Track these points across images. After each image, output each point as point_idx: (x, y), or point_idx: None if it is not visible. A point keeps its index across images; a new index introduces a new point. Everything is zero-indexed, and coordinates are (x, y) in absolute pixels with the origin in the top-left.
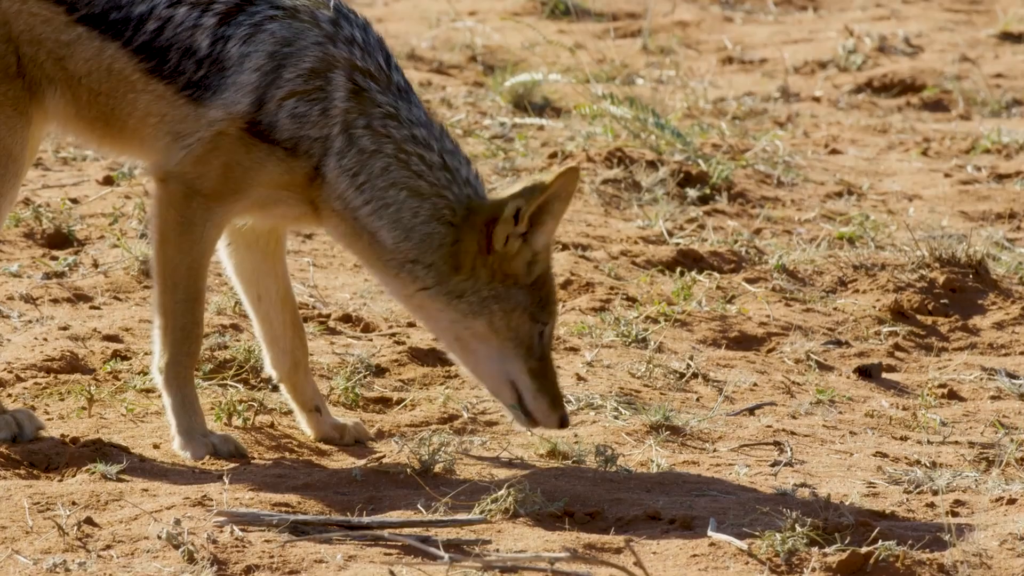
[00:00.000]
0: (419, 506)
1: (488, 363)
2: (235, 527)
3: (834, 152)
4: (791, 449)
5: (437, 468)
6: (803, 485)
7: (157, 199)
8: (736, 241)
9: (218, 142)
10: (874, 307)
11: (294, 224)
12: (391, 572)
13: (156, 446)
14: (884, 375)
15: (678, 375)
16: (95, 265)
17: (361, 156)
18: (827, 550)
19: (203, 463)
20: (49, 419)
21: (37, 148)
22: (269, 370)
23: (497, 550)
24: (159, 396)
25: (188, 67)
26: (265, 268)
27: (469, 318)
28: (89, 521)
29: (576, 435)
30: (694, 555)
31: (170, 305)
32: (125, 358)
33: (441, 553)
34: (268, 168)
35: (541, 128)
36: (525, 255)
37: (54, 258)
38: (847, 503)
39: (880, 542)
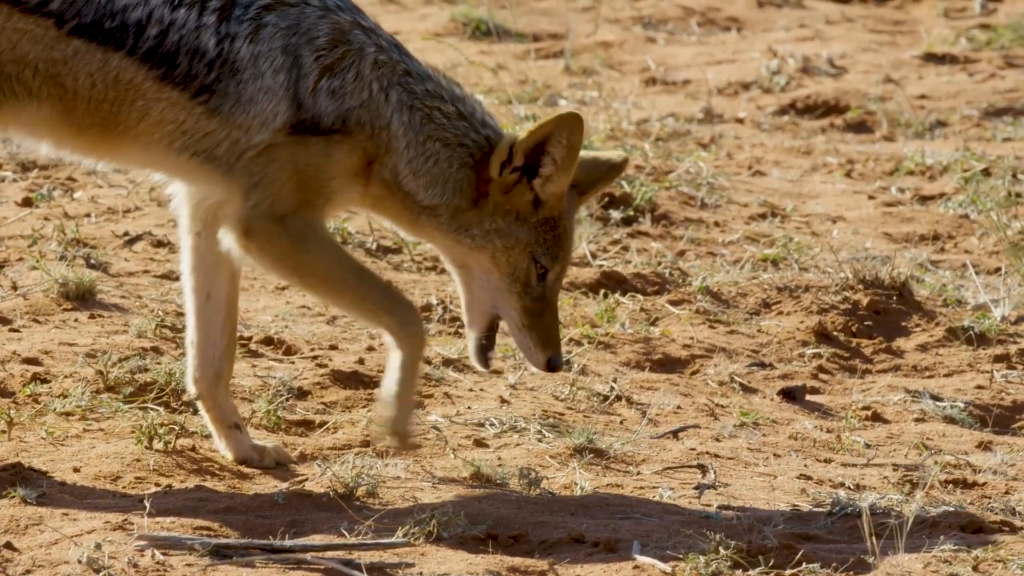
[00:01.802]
0: (342, 529)
1: (481, 293)
2: (156, 551)
3: (758, 174)
4: (715, 472)
5: (360, 491)
6: (727, 507)
7: (259, 250)
8: (660, 263)
9: (272, 155)
10: (798, 329)
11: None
12: None
13: (76, 470)
14: (808, 397)
15: (602, 398)
16: (14, 287)
17: (403, 112)
18: (751, 573)
19: (127, 485)
20: None
21: None
22: (189, 384)
23: (420, 573)
24: (80, 419)
25: (200, 71)
26: (225, 267)
27: (475, 250)
28: (8, 546)
29: (499, 458)
30: None
31: (355, 295)
32: (45, 381)
33: None
34: (335, 156)
35: None
36: (525, 193)
37: None
38: (771, 525)
39: (804, 564)
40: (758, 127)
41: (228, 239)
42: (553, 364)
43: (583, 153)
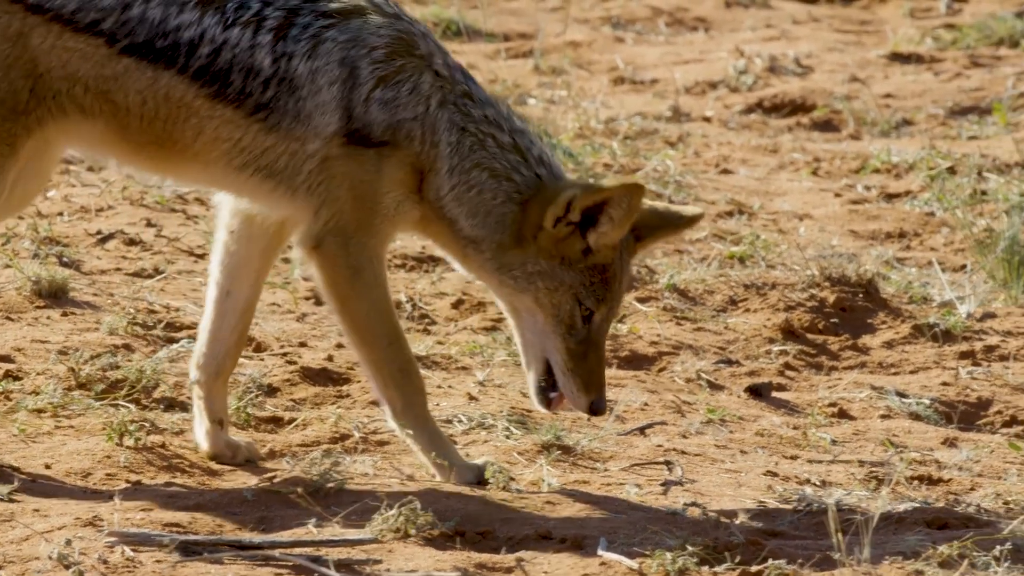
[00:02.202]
0: (310, 526)
1: (531, 337)
2: (126, 547)
3: (725, 172)
4: (682, 468)
5: (328, 488)
6: (693, 504)
7: (320, 267)
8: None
9: (329, 169)
10: (765, 326)
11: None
12: None
13: (48, 466)
14: (775, 394)
15: None
16: None
17: (454, 133)
18: (717, 569)
19: (98, 481)
20: None
21: (49, 169)
22: (192, 369)
23: (388, 570)
24: (51, 416)
25: (255, 88)
26: (251, 269)
27: (519, 291)
28: None
29: (468, 455)
30: (585, 574)
31: (378, 357)
32: (17, 378)
33: (332, 573)
34: (385, 170)
35: None
36: (576, 243)
37: None
38: (737, 522)
39: (770, 561)
40: (725, 126)
41: (300, 251)
42: (595, 408)
43: (660, 204)
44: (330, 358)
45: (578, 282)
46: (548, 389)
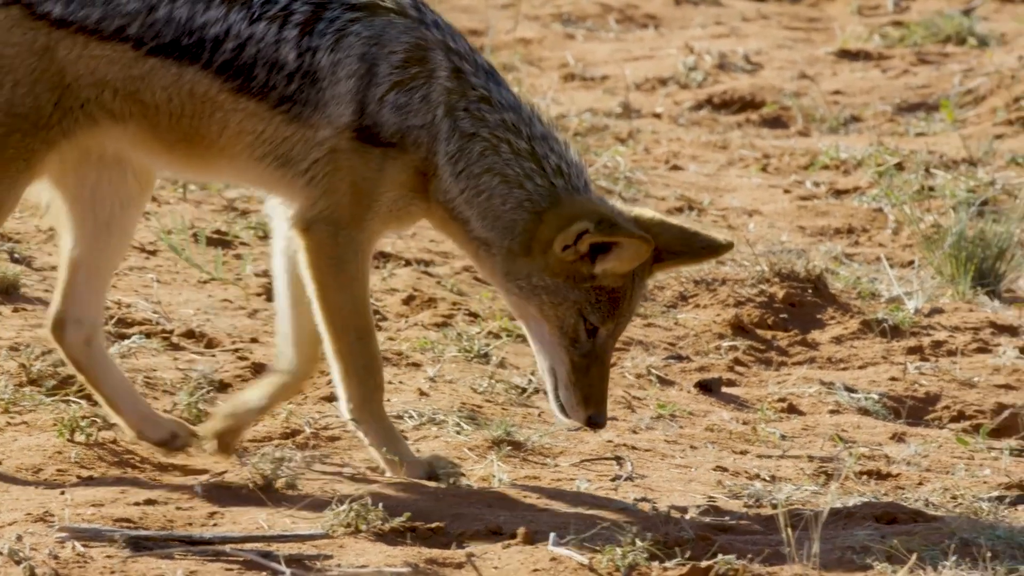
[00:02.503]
0: (261, 521)
1: (541, 346)
2: (77, 543)
3: (675, 168)
4: (632, 463)
5: (279, 483)
6: (644, 499)
7: (307, 248)
8: None
9: (336, 161)
10: (714, 322)
11: (422, 222)
12: None
13: None
14: (724, 389)
15: (520, 390)
16: None
17: (461, 140)
18: (667, 564)
19: (49, 477)
20: None
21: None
22: (279, 366)
23: (339, 565)
24: (2, 412)
25: (279, 82)
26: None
27: (524, 300)
28: None
29: (418, 450)
30: (535, 569)
31: (345, 348)
32: None
33: (283, 568)
34: (388, 171)
35: None
36: (584, 268)
37: None
38: (687, 517)
39: (720, 556)
40: (675, 122)
41: (292, 233)
42: (594, 422)
43: (690, 227)
44: None
45: (583, 299)
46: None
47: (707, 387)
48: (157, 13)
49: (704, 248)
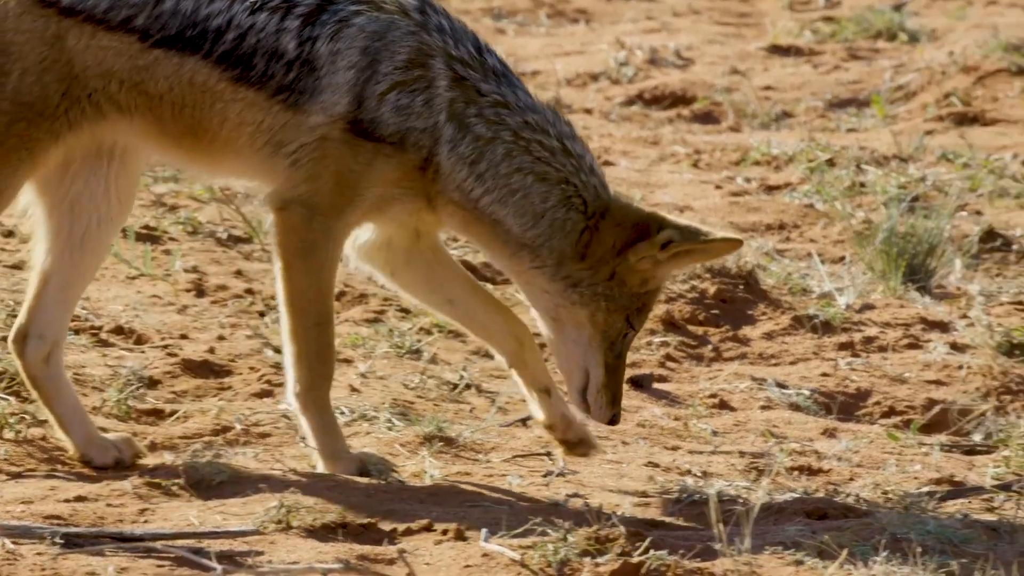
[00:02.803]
0: (192, 518)
1: (574, 347)
2: (6, 540)
3: (606, 164)
4: (563, 459)
5: (210, 480)
6: (575, 495)
7: (278, 227)
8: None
9: (324, 149)
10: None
11: (411, 223)
12: None
13: None
14: (656, 385)
15: (451, 386)
16: None
17: (477, 143)
18: (599, 560)
19: None
20: None
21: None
22: (501, 362)
23: (270, 561)
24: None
25: (277, 71)
26: (439, 273)
27: (576, 305)
28: None
29: (350, 446)
30: (467, 565)
31: (301, 331)
32: None
33: (214, 565)
34: (377, 166)
35: None
36: (647, 274)
37: None
38: (619, 513)
39: (651, 552)
40: (606, 117)
41: (266, 206)
42: (615, 419)
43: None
44: (211, 350)
45: (632, 305)
46: (587, 397)
47: (639, 383)
48: (164, 5)
49: (720, 243)
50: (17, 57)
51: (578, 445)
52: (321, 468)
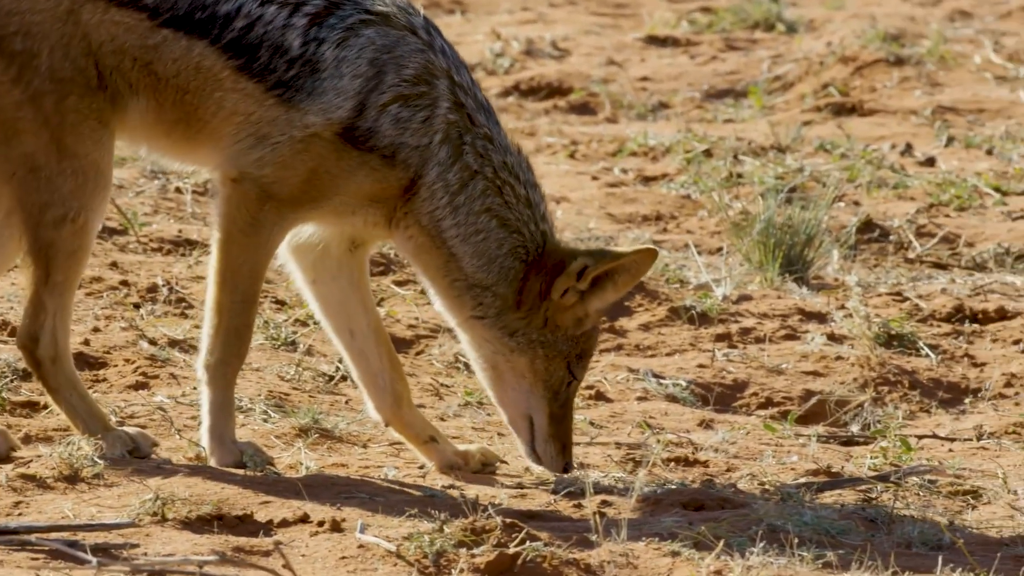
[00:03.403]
0: (67, 510)
1: (515, 396)
2: None
3: None
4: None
5: (85, 473)
6: (451, 487)
7: (226, 198)
8: (385, 244)
9: (309, 146)
10: None
11: (362, 234)
12: None
13: None
14: None
15: (327, 378)
16: None
17: (463, 174)
18: (475, 551)
19: None
20: None
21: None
22: (373, 415)
23: (146, 554)
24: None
25: (279, 66)
26: (354, 300)
27: (514, 354)
28: None
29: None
30: (343, 557)
31: (227, 305)
32: None
33: (89, 557)
34: (358, 177)
35: None
36: (578, 311)
37: None
38: (495, 504)
39: (528, 543)
40: None
41: (217, 176)
42: (568, 468)
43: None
44: (87, 342)
45: (571, 351)
46: (534, 448)
47: None
48: None
49: (633, 256)
50: (42, 37)
51: (485, 468)
52: (204, 444)
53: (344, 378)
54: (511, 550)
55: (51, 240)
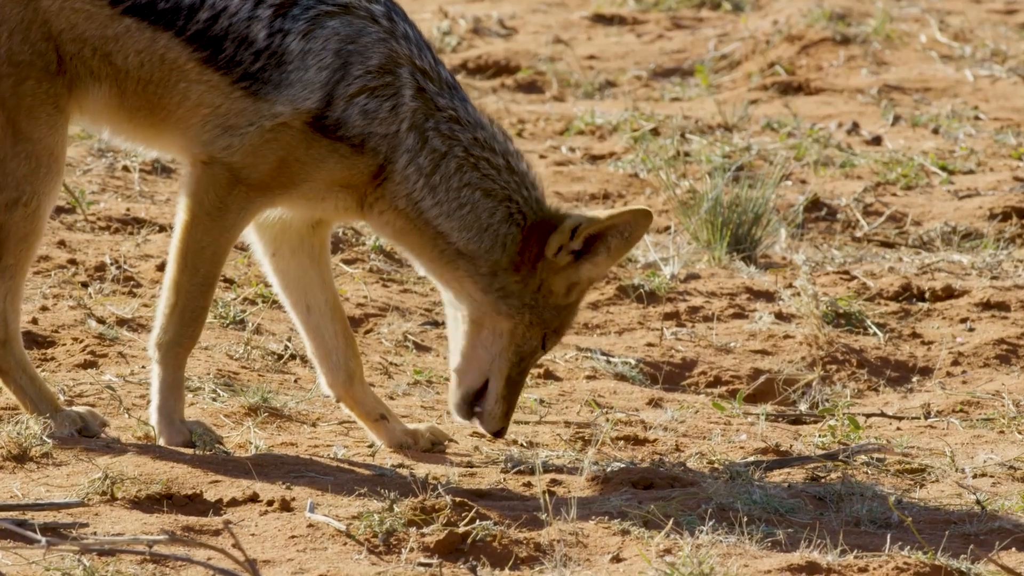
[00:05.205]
0: (15, 490)
1: (483, 353)
2: None
3: None
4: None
5: (34, 452)
6: (401, 465)
7: (195, 180)
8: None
9: (278, 135)
10: None
11: (332, 218)
12: None
13: None
14: None
15: (276, 356)
16: None
17: (434, 156)
18: (425, 530)
19: None
20: None
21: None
22: (325, 390)
23: (95, 533)
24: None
25: (245, 58)
26: (312, 276)
27: (501, 315)
28: None
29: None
30: (293, 536)
31: (185, 285)
32: None
33: (38, 537)
34: (328, 165)
35: None
36: (571, 275)
37: None
38: (445, 482)
39: (478, 522)
40: None
41: (187, 158)
42: (502, 433)
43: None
44: (35, 321)
45: (552, 322)
46: (474, 404)
47: None
48: None
49: (626, 216)
50: (1, 20)
51: (434, 447)
52: (154, 423)
53: (293, 357)
54: (461, 529)
55: (2, 223)
